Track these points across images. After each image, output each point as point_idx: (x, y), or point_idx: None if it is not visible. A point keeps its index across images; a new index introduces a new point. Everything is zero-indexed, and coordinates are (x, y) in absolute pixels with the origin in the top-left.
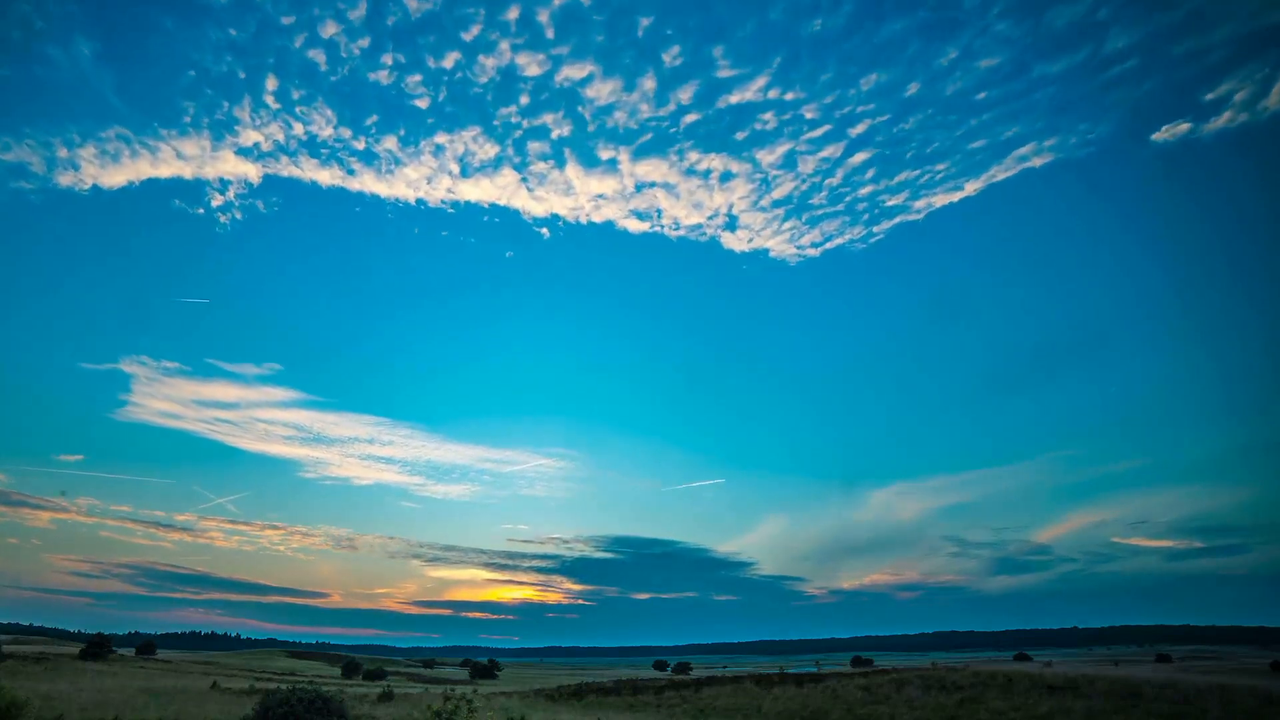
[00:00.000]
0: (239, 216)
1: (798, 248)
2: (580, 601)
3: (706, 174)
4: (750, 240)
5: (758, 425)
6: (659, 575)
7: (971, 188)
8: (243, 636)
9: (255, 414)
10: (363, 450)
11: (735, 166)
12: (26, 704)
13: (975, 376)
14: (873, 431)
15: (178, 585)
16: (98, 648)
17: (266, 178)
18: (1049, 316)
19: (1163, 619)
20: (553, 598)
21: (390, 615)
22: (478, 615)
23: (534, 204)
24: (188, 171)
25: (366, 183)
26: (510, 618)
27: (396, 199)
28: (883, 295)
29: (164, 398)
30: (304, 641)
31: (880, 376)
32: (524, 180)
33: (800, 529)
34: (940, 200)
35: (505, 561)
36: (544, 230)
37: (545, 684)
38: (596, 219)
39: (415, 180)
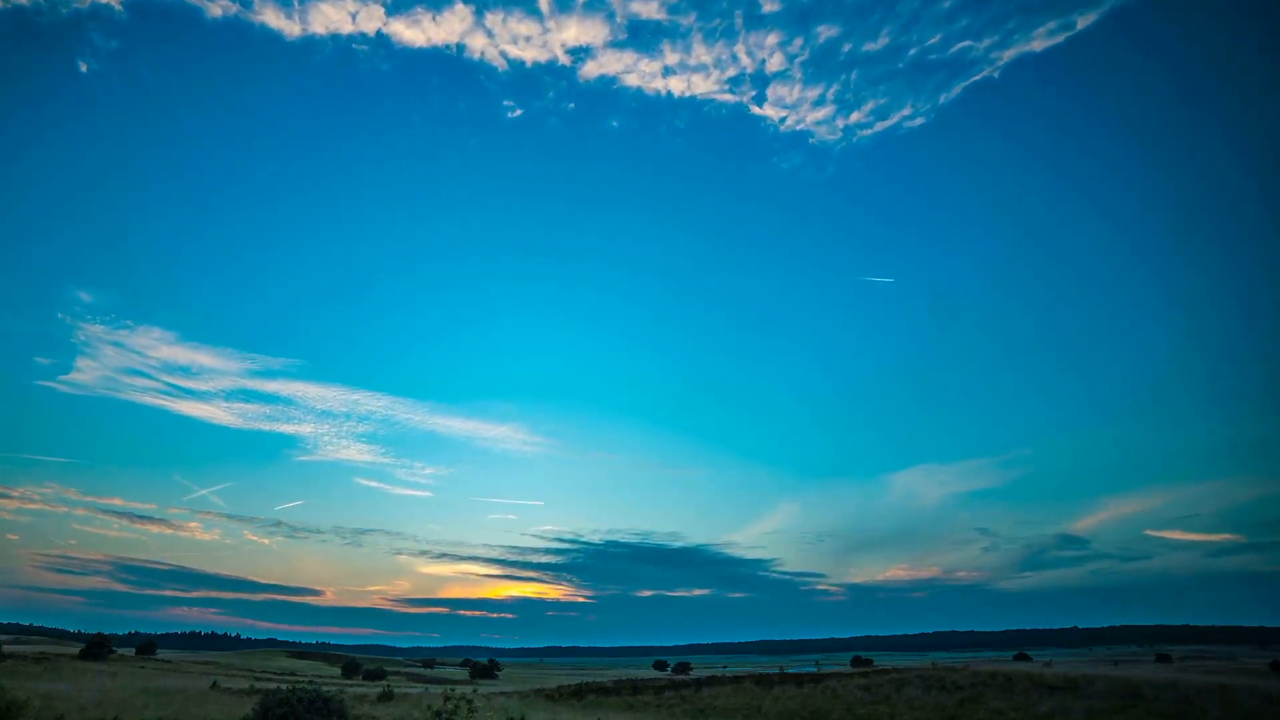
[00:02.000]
0: (114, 80)
1: (844, 128)
2: (580, 599)
3: (728, 9)
4: (784, 118)
5: (772, 392)
6: (663, 571)
7: (1084, 22)
8: (242, 636)
9: (217, 384)
10: (344, 428)
11: (765, 2)
12: (26, 704)
13: (1029, 327)
14: (899, 404)
15: (164, 582)
16: (98, 648)
17: (132, 6)
18: (1130, 233)
19: (1171, 619)
20: (552, 594)
21: (386, 614)
22: (476, 614)
23: (493, 50)
24: None
25: (269, 17)
26: (509, 616)
27: (310, 37)
28: (930, 200)
29: (107, 362)
30: (303, 641)
31: (909, 334)
32: (479, 16)
33: (816, 518)
34: (1040, 43)
35: (504, 557)
36: (511, 104)
37: (545, 684)
38: (582, 77)
39: (335, 20)
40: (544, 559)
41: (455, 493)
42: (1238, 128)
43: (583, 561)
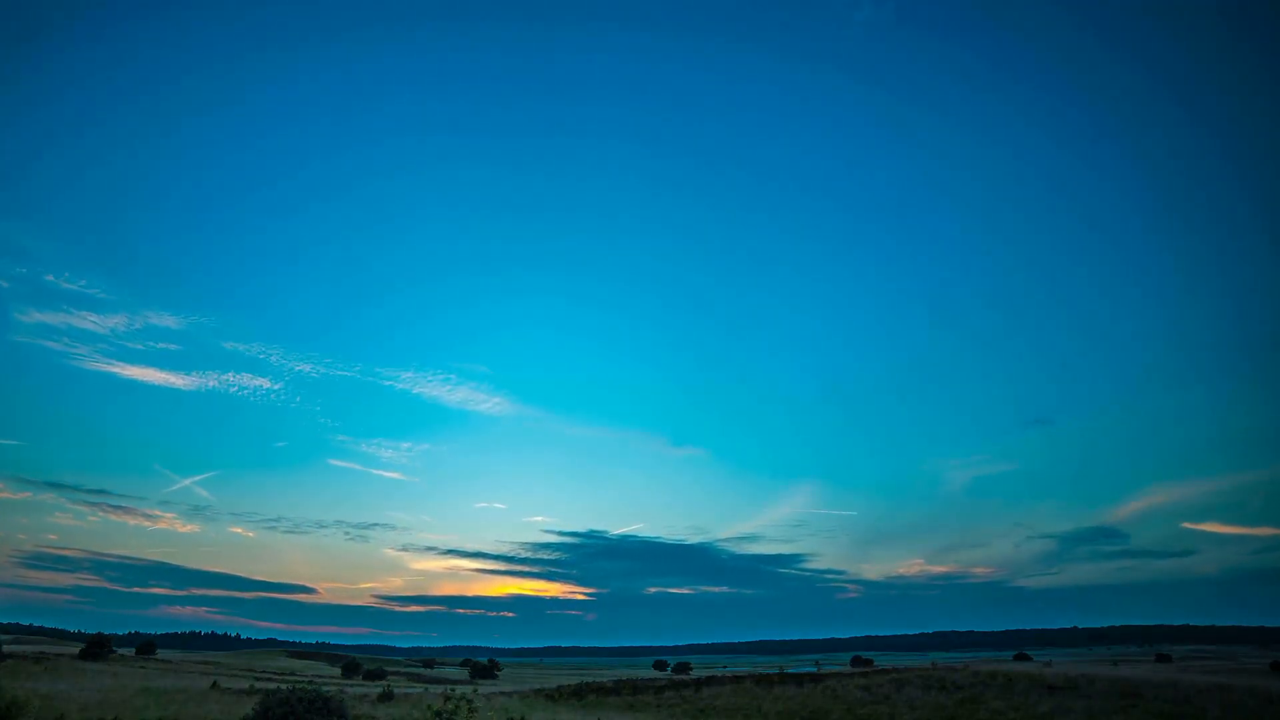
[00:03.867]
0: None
1: None
2: (580, 596)
3: None
4: None
5: (787, 378)
6: (665, 568)
7: None
8: (241, 636)
9: (167, 344)
10: (317, 404)
11: None
12: (26, 704)
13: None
14: (923, 389)
15: (150, 579)
16: (98, 648)
17: None
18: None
19: (1169, 619)
20: (552, 592)
21: (383, 613)
22: (474, 612)
23: None
24: None
25: None
26: (508, 614)
27: None
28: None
29: (43, 320)
30: (301, 641)
31: (930, 317)
32: None
33: (830, 511)
34: None
35: (500, 552)
36: None
37: (545, 684)
38: None
39: None
40: (542, 554)
41: (441, 478)
42: None
43: (582, 559)
